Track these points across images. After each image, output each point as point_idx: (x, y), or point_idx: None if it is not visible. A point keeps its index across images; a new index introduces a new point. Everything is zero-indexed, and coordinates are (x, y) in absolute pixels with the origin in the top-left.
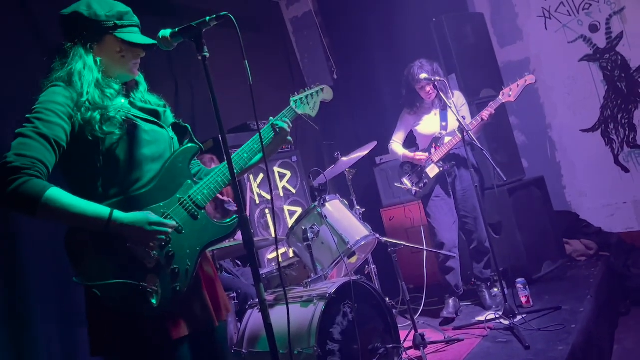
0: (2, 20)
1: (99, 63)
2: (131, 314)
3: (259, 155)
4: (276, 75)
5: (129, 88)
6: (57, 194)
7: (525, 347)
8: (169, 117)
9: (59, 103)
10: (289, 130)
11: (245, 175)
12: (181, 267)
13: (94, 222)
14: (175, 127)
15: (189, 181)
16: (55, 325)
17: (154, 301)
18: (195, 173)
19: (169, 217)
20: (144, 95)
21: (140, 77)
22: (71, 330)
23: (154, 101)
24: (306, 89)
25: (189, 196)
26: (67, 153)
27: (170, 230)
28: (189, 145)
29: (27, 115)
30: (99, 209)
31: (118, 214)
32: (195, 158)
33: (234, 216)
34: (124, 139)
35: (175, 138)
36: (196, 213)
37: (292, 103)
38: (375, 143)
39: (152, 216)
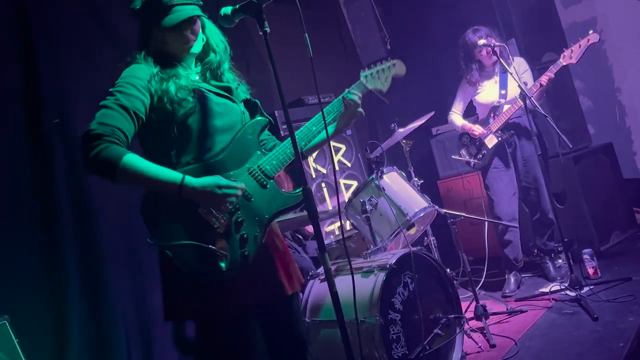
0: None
1: (153, 60)
2: (203, 279)
3: (330, 128)
4: (328, 48)
5: (204, 69)
6: (134, 159)
7: (593, 319)
8: (241, 93)
9: (139, 77)
10: (359, 102)
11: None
12: (250, 234)
13: (167, 185)
14: (247, 103)
15: (259, 152)
16: (130, 292)
17: (223, 265)
18: (271, 148)
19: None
20: (225, 73)
21: (218, 56)
22: (144, 296)
23: (231, 78)
24: (377, 64)
25: (258, 166)
26: (145, 124)
27: (239, 192)
28: (259, 118)
29: (109, 89)
30: (173, 174)
31: (190, 179)
32: (267, 136)
33: (299, 188)
34: (196, 110)
35: (247, 113)
36: (265, 182)
37: (362, 78)
38: (432, 113)
39: (222, 180)
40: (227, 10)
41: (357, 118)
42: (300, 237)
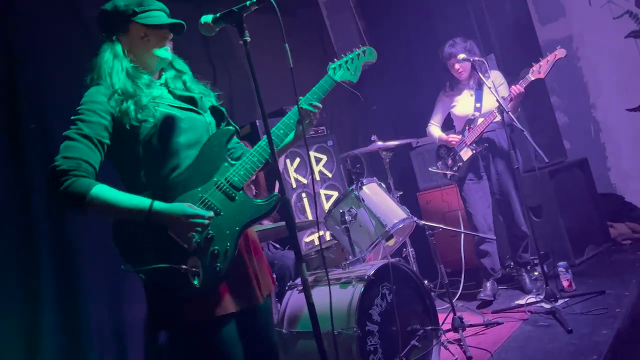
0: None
1: (126, 53)
2: (176, 295)
3: (292, 134)
4: (310, 59)
5: (166, 77)
6: (101, 191)
7: (567, 331)
8: (207, 102)
9: (99, 102)
10: (315, 111)
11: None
12: (221, 248)
13: (136, 213)
14: (213, 111)
15: (226, 163)
16: (105, 301)
17: (196, 282)
18: (239, 156)
19: (207, 201)
20: (188, 84)
21: (183, 66)
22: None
23: (197, 89)
24: (347, 53)
25: (226, 178)
26: (112, 147)
27: (207, 222)
28: (225, 128)
29: (71, 117)
30: (140, 201)
31: (158, 205)
32: (238, 141)
33: (272, 194)
34: (160, 129)
35: (213, 122)
36: (233, 194)
37: (330, 71)
38: (415, 140)
39: (188, 208)
40: (207, 18)
41: (313, 126)
42: (277, 246)
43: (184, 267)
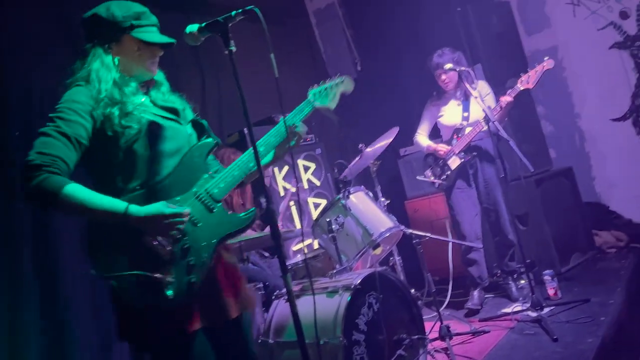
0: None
1: (117, 63)
2: (147, 305)
3: (272, 154)
4: (299, 68)
5: (150, 88)
6: (75, 189)
7: (553, 339)
8: (189, 114)
9: (80, 102)
10: (301, 129)
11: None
12: (197, 260)
13: (111, 215)
14: (195, 123)
15: (206, 175)
16: (88, 310)
17: (169, 293)
18: (218, 170)
19: None
20: (166, 95)
21: (161, 77)
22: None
23: (176, 100)
24: (326, 81)
25: (206, 190)
26: (89, 148)
27: (185, 219)
28: (206, 140)
29: (50, 115)
30: (116, 203)
31: (134, 208)
32: (216, 156)
33: (251, 209)
34: (142, 135)
35: (194, 134)
36: (212, 206)
37: (310, 96)
38: (397, 129)
39: (167, 208)
40: (193, 28)
41: (298, 143)
42: (266, 254)
43: (157, 275)
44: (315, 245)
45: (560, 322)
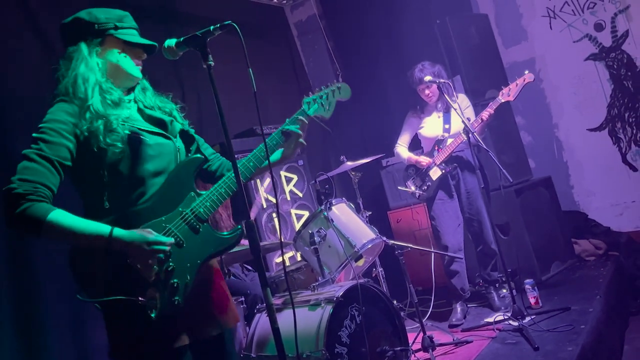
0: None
1: (101, 65)
2: (133, 326)
3: (266, 162)
4: (281, 80)
5: (135, 94)
6: (59, 216)
7: (534, 348)
8: (177, 125)
9: (63, 121)
10: (301, 133)
11: (252, 181)
12: (181, 281)
13: (95, 240)
14: (183, 134)
15: (192, 193)
16: (68, 329)
17: (153, 315)
18: (217, 168)
19: (169, 231)
20: (151, 100)
21: (145, 82)
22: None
23: (162, 104)
24: (322, 88)
25: (191, 209)
26: (76, 168)
27: (168, 248)
28: (194, 156)
29: (33, 135)
30: (100, 228)
31: (118, 232)
32: (211, 156)
33: (237, 227)
34: (127, 155)
35: (182, 148)
36: (198, 226)
37: (304, 105)
38: (382, 155)
39: (150, 235)
40: (170, 42)
41: (301, 147)
42: (249, 267)
43: (141, 299)
44: (298, 258)
45: (542, 330)
